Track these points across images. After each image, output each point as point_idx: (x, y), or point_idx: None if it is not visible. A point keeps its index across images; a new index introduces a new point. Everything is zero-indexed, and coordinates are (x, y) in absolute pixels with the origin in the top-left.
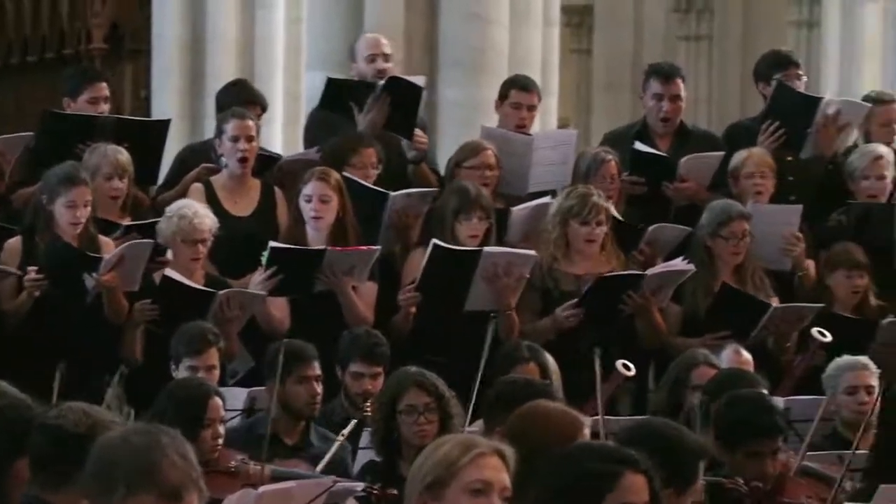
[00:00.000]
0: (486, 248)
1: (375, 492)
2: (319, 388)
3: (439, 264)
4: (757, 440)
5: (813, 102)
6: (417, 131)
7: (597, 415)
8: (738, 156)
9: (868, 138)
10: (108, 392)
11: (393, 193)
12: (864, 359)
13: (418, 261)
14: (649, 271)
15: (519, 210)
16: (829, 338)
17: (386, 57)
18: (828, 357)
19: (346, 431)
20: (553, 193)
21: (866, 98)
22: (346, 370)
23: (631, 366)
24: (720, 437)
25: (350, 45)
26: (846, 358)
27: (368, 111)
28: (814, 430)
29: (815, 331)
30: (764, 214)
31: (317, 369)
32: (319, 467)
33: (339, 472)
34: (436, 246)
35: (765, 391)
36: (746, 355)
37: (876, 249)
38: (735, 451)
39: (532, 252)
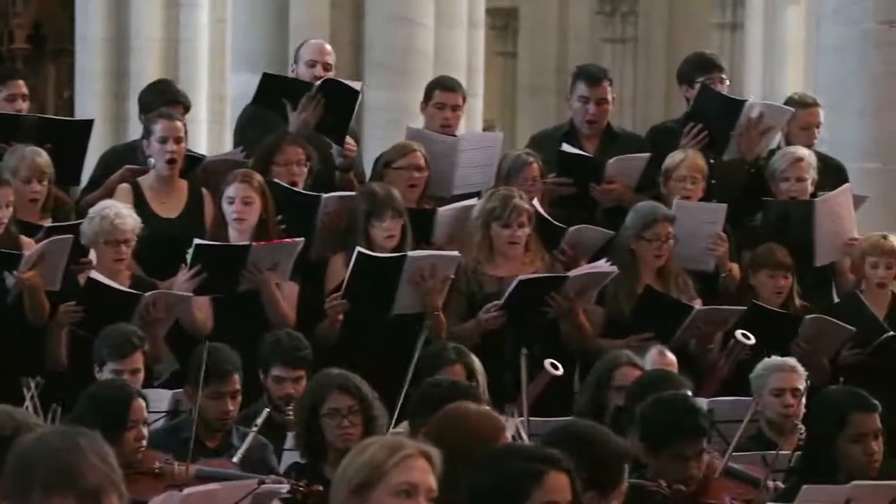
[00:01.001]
0: (411, 253)
1: (301, 489)
2: (234, 404)
3: (364, 271)
4: (681, 442)
5: (736, 105)
6: (348, 139)
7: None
8: (673, 157)
9: (789, 140)
10: (26, 403)
11: (325, 196)
12: (792, 360)
13: (339, 266)
14: (572, 273)
15: (445, 211)
16: (752, 340)
17: (327, 66)
18: (754, 355)
19: (258, 422)
20: (479, 195)
21: (789, 100)
22: (268, 374)
23: (559, 365)
24: (645, 439)
25: (277, 44)
26: (774, 359)
27: (302, 110)
28: (739, 431)
29: (738, 333)
30: (689, 213)
31: (235, 384)
32: (235, 458)
33: (258, 467)
34: (360, 253)
35: (689, 392)
36: (671, 356)
37: (796, 248)
38: (659, 453)
39: (455, 253)
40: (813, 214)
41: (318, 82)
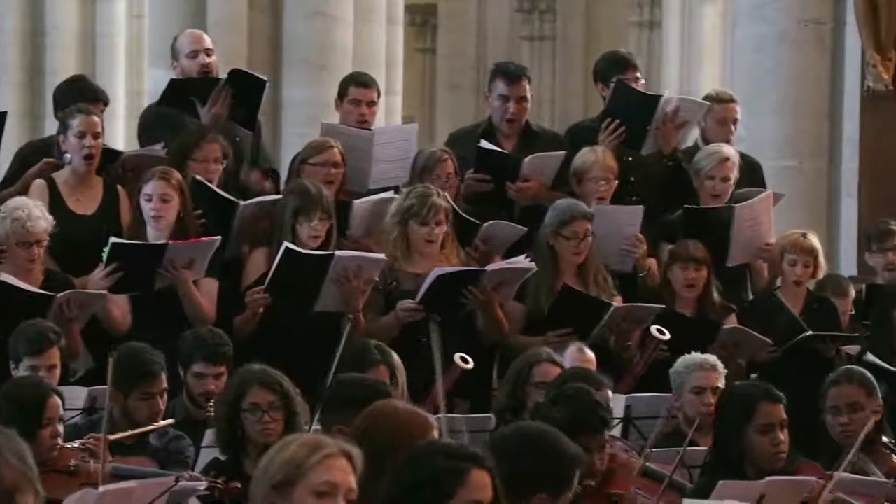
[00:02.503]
0: (338, 253)
1: (219, 486)
2: (163, 403)
3: (290, 267)
4: (583, 435)
5: (652, 100)
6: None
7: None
8: (583, 157)
9: (705, 135)
10: None
11: (243, 203)
12: (713, 358)
13: (259, 260)
14: (489, 267)
15: (361, 203)
16: (667, 335)
17: (208, 52)
18: (672, 354)
19: (162, 423)
20: (396, 189)
21: (707, 97)
22: (189, 370)
23: (469, 359)
24: None
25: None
26: (696, 356)
27: (212, 104)
28: (658, 428)
29: (654, 329)
30: (606, 215)
31: (162, 384)
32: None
33: (174, 458)
34: (287, 249)
35: (609, 390)
36: (589, 354)
37: (711, 248)
38: None
39: (381, 256)
40: (733, 220)
41: (225, 76)
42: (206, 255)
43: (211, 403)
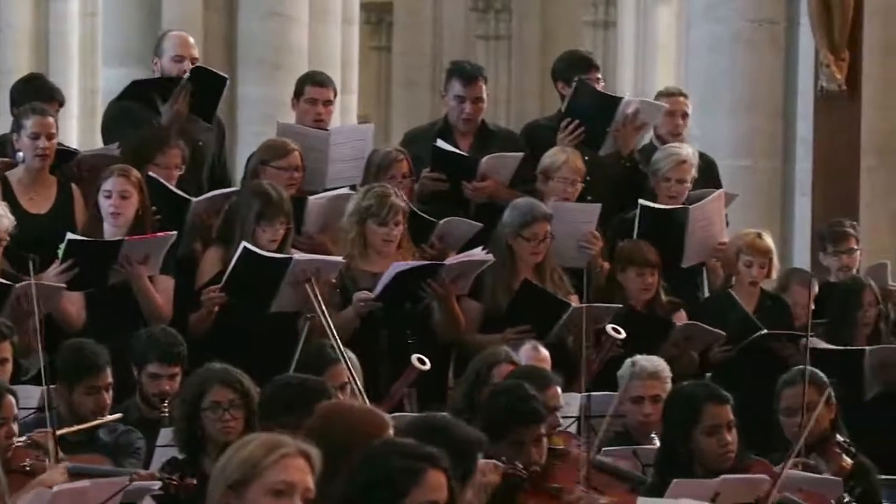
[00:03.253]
0: (296, 256)
1: (174, 482)
2: (109, 397)
3: (247, 267)
4: (518, 428)
5: (613, 102)
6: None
7: None
8: (553, 157)
9: (656, 129)
10: None
11: (195, 200)
12: (653, 366)
13: (213, 259)
14: (448, 261)
15: (315, 200)
16: (622, 334)
17: (193, 60)
18: (628, 351)
19: (110, 417)
20: (352, 187)
21: (658, 95)
22: (143, 370)
23: (426, 360)
24: (485, 428)
25: (150, 40)
26: (638, 363)
27: (173, 102)
28: (606, 426)
29: (609, 327)
30: (563, 213)
31: (107, 378)
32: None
33: (124, 451)
34: (246, 249)
35: (558, 388)
36: (544, 352)
37: (665, 249)
38: (499, 440)
39: (339, 258)
40: (687, 221)
41: (187, 73)
42: (162, 250)
43: (165, 404)
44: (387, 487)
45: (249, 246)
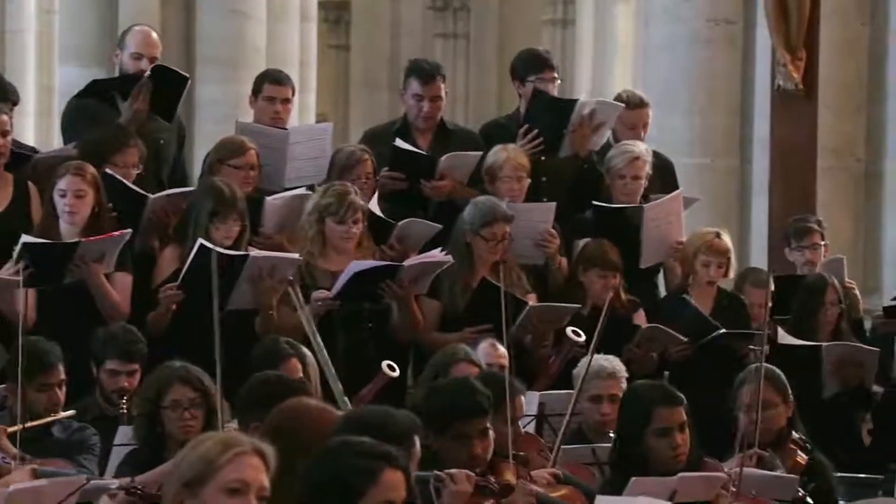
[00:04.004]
0: (252, 253)
1: (139, 491)
2: (62, 394)
3: (205, 264)
4: (462, 422)
5: (569, 105)
6: None
7: None
8: (495, 156)
9: (616, 136)
10: None
11: (152, 196)
12: (611, 366)
13: (170, 257)
14: (407, 262)
15: (273, 200)
16: (583, 337)
17: (152, 59)
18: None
19: (63, 414)
20: (310, 186)
21: (618, 97)
22: (102, 367)
23: (396, 367)
24: (428, 423)
25: (107, 38)
26: (595, 361)
27: (133, 101)
28: (564, 427)
29: (569, 330)
30: (520, 213)
31: (60, 374)
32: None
33: (76, 448)
34: (203, 246)
35: (524, 397)
36: (502, 349)
37: (623, 249)
38: (443, 434)
39: (295, 256)
40: (642, 219)
41: (148, 72)
42: (116, 249)
43: (124, 401)
44: (344, 487)
45: (206, 242)
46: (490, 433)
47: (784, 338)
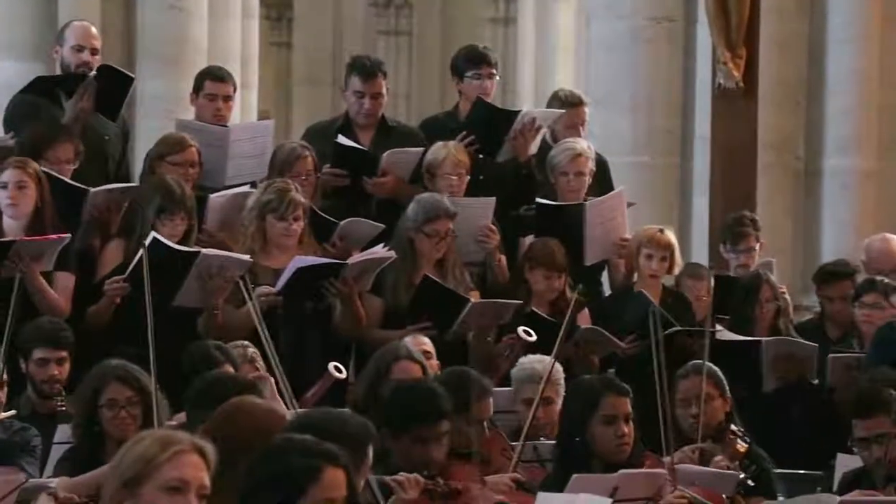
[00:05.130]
0: (204, 251)
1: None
2: (3, 395)
3: (155, 259)
4: (420, 425)
5: (511, 116)
6: None
7: None
8: (435, 153)
9: (554, 136)
10: None
11: (93, 189)
12: (542, 368)
13: (114, 250)
14: (351, 260)
15: (216, 198)
16: (534, 337)
17: (94, 50)
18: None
19: (4, 414)
20: (252, 184)
21: (554, 96)
22: (30, 359)
23: (342, 368)
24: (387, 424)
25: (45, 33)
26: (529, 363)
27: (78, 99)
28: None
29: (520, 330)
30: (458, 208)
31: None
32: None
33: (20, 452)
34: (155, 240)
35: (491, 399)
36: (423, 338)
37: (566, 247)
38: (400, 437)
39: (245, 257)
40: (584, 217)
41: (93, 72)
42: (56, 250)
43: (60, 399)
44: (285, 485)
45: (159, 237)
46: (445, 438)
47: (724, 334)
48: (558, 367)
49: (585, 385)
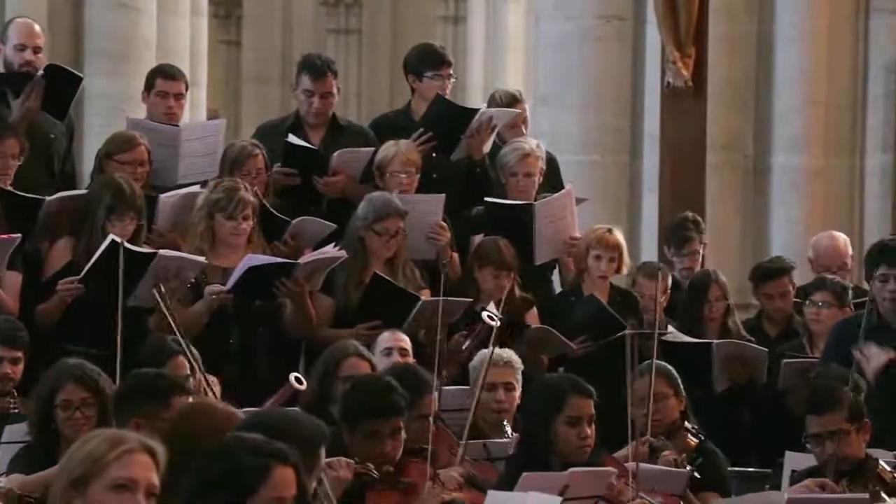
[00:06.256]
0: (162, 252)
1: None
2: None
3: (111, 259)
4: (373, 420)
5: (469, 114)
6: None
7: None
8: (386, 151)
9: (500, 138)
10: None
11: (48, 198)
12: (507, 354)
13: (63, 249)
14: (302, 259)
15: (167, 198)
16: (497, 322)
17: (36, 49)
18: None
19: None
20: (203, 184)
21: (491, 98)
22: None
23: (302, 379)
24: (342, 418)
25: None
26: (485, 352)
27: (25, 99)
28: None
29: (485, 315)
30: (409, 205)
31: None
32: None
33: None
34: (113, 242)
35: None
36: (401, 334)
37: (516, 246)
38: (355, 431)
39: (202, 259)
40: (533, 216)
41: (41, 71)
42: (6, 253)
43: (13, 399)
44: (234, 484)
45: (116, 238)
46: (402, 434)
47: (674, 335)
48: (515, 356)
49: (551, 384)
